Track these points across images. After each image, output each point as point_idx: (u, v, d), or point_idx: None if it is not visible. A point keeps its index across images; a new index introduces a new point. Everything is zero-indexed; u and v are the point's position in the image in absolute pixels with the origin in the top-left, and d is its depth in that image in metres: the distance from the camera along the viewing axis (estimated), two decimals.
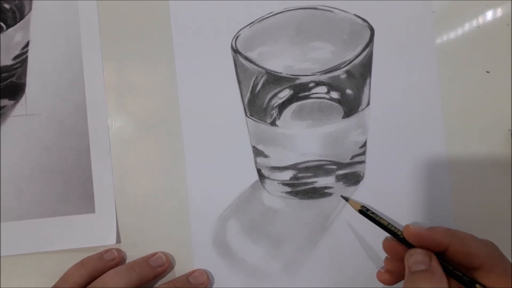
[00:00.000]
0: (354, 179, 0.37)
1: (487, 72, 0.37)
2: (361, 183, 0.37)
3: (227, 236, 0.37)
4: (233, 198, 0.37)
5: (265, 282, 0.37)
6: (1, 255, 0.37)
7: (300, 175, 0.37)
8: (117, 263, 0.36)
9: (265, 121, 0.37)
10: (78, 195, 0.38)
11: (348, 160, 0.37)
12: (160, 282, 0.37)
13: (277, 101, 0.37)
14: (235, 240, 0.37)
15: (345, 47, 0.37)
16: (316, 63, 0.37)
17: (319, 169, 0.37)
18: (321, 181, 0.37)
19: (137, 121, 0.38)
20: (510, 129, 0.36)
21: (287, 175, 0.37)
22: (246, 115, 0.37)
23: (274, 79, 0.36)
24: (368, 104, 0.37)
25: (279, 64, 0.37)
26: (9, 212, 0.38)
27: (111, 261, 0.36)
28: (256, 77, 0.36)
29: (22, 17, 0.39)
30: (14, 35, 0.39)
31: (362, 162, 0.37)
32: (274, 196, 0.38)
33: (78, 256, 0.36)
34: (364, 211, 0.34)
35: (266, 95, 0.37)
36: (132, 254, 0.37)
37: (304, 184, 0.37)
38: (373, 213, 0.34)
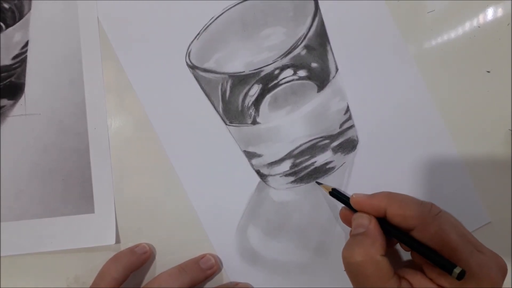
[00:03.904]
0: (350, 145, 0.37)
1: (487, 72, 0.36)
2: (358, 146, 0.37)
3: (251, 245, 0.37)
4: (243, 207, 0.37)
5: (304, 273, 0.37)
6: (1, 255, 0.37)
7: (298, 161, 0.37)
8: (149, 256, 0.37)
9: (246, 123, 0.36)
10: (78, 195, 0.37)
11: (338, 130, 0.37)
12: (209, 284, 0.37)
13: (250, 99, 0.36)
14: (261, 245, 0.37)
15: (295, 24, 0.36)
16: (274, 50, 0.36)
17: (313, 148, 0.37)
18: (320, 159, 0.37)
19: (137, 121, 0.38)
20: (510, 129, 0.36)
21: (286, 165, 0.37)
22: (226, 124, 0.37)
23: (240, 80, 0.36)
24: (337, 69, 0.37)
25: (238, 64, 0.36)
26: (9, 212, 0.38)
27: (143, 254, 0.36)
28: (222, 84, 0.36)
29: (21, 17, 0.38)
30: (14, 35, 0.38)
31: (352, 126, 0.37)
32: (281, 190, 0.37)
33: (78, 256, 0.36)
34: (335, 193, 0.34)
35: (238, 98, 0.36)
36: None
37: (305, 168, 0.37)
38: (340, 193, 0.34)
